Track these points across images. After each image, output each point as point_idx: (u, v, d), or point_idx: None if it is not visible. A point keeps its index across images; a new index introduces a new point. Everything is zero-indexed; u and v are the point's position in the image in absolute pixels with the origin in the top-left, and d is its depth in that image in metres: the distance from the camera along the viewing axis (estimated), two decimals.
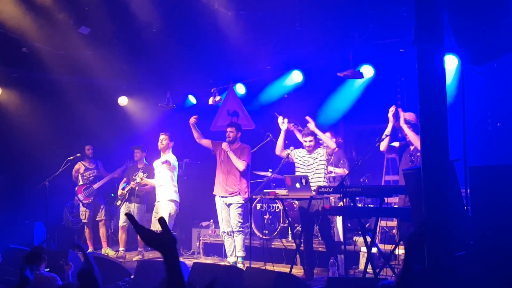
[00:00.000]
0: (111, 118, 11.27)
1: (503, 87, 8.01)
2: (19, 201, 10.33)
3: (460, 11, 3.85)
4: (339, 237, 8.00)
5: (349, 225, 7.94)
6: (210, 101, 9.98)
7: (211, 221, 9.60)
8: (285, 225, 8.58)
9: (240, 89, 10.28)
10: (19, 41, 9.15)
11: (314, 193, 6.85)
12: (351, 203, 6.49)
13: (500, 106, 8.19)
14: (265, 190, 8.03)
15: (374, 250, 6.45)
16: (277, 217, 8.69)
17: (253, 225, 8.17)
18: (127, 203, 9.30)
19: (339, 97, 9.60)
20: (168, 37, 8.96)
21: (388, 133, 6.93)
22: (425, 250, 3.49)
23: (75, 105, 10.53)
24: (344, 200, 6.52)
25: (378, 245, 6.65)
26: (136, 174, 9.15)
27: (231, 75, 10.30)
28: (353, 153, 10.13)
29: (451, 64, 7.55)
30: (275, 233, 8.62)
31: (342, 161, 8.83)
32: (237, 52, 9.22)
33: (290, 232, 8.58)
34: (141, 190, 9.23)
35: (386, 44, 8.55)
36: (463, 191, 4.19)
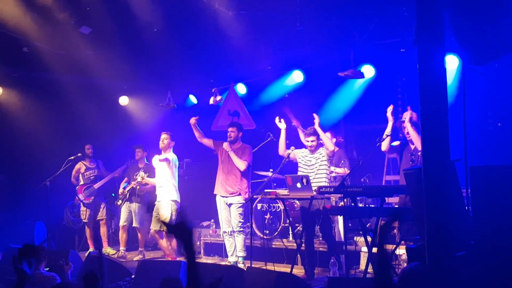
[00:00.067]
0: (112, 118, 11.27)
1: (504, 87, 8.01)
2: (20, 200, 10.34)
3: (460, 11, 3.85)
4: (340, 237, 8.00)
5: (350, 225, 7.93)
6: (211, 101, 9.97)
7: (212, 221, 9.59)
8: (286, 225, 8.57)
9: (241, 89, 10.28)
10: (20, 40, 9.16)
11: (315, 193, 6.85)
12: (352, 203, 6.49)
13: (501, 106, 8.19)
14: (266, 190, 8.03)
15: (375, 250, 6.44)
16: (278, 217, 8.69)
17: (254, 225, 8.18)
18: (127, 203, 9.30)
19: (340, 97, 9.59)
20: (169, 37, 8.97)
21: (388, 133, 6.94)
22: (426, 250, 3.49)
23: (76, 105, 10.52)
24: (345, 200, 6.52)
25: None
26: (137, 173, 9.15)
27: (232, 75, 10.30)
28: (354, 153, 10.13)
29: (452, 64, 7.54)
30: (276, 233, 8.61)
31: (343, 161, 8.82)
32: (237, 52, 9.22)
33: (290, 232, 8.58)
34: (142, 190, 9.22)
35: (387, 44, 8.55)
36: (463, 191, 4.19)
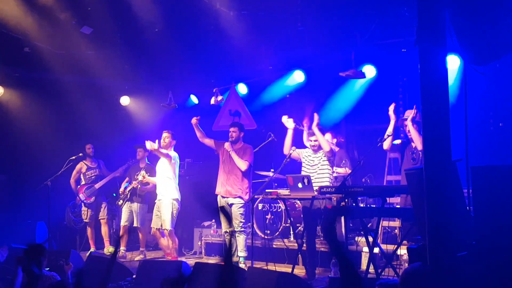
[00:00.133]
0: (113, 118, 11.27)
1: (505, 87, 8.01)
2: (20, 200, 10.34)
3: (462, 11, 3.85)
4: (341, 237, 7.99)
5: (351, 225, 7.93)
6: (212, 101, 9.97)
7: (213, 221, 9.60)
8: (287, 225, 8.57)
9: (242, 89, 10.28)
10: (21, 40, 9.16)
11: (316, 193, 6.85)
12: (353, 203, 6.48)
13: (502, 106, 8.19)
14: (267, 190, 8.02)
15: (376, 250, 6.44)
16: (279, 217, 8.69)
17: (255, 225, 8.17)
18: (129, 203, 9.29)
19: (341, 97, 9.59)
20: (170, 37, 8.97)
21: (389, 132, 6.93)
22: (427, 250, 3.49)
23: (77, 105, 10.52)
24: (346, 200, 6.52)
25: (380, 245, 6.64)
26: (138, 173, 9.15)
27: (233, 75, 10.29)
28: (355, 153, 10.13)
29: (453, 64, 7.53)
30: (277, 233, 8.62)
31: (344, 161, 8.82)
32: (239, 52, 9.21)
33: (292, 232, 8.57)
34: (143, 189, 9.22)
35: (388, 44, 8.55)
36: (465, 191, 4.18)
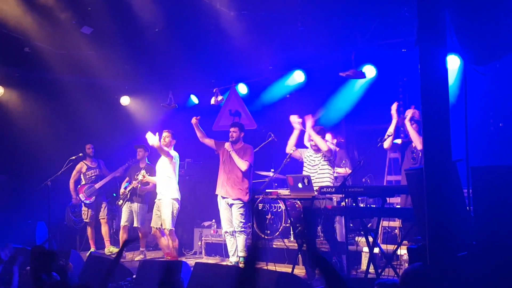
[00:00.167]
0: (113, 118, 11.28)
1: (505, 87, 8.01)
2: (21, 201, 10.34)
3: (462, 11, 3.84)
4: (340, 237, 7.99)
5: (351, 225, 7.92)
6: (212, 101, 9.97)
7: (213, 221, 9.59)
8: (287, 225, 8.56)
9: (242, 89, 10.28)
10: (21, 40, 9.17)
11: (316, 193, 6.84)
12: (353, 203, 6.48)
13: (502, 106, 8.19)
14: (267, 190, 8.02)
15: (376, 250, 6.44)
16: (279, 217, 8.68)
17: (255, 225, 8.17)
18: (129, 203, 9.29)
19: (341, 97, 9.58)
20: (170, 37, 8.96)
21: (390, 133, 6.93)
22: (427, 251, 3.49)
23: (77, 105, 10.53)
24: (346, 200, 6.52)
25: (380, 245, 6.64)
26: (138, 173, 9.15)
27: (233, 75, 10.29)
28: (355, 153, 10.13)
29: (453, 64, 7.53)
30: (277, 233, 8.61)
31: (344, 161, 8.82)
32: (239, 52, 9.21)
33: (292, 232, 8.57)
34: (143, 189, 9.21)
35: (388, 44, 8.54)
36: (465, 191, 4.18)
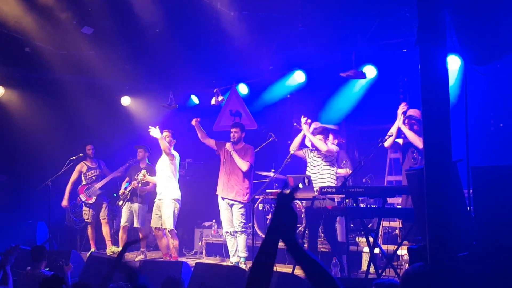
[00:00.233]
0: (114, 118, 11.28)
1: (505, 87, 8.00)
2: (21, 201, 10.35)
3: (462, 11, 3.84)
4: (341, 237, 7.99)
5: (352, 225, 7.92)
6: (213, 101, 9.98)
7: (214, 221, 9.60)
8: None
9: (242, 89, 10.28)
10: (21, 41, 9.17)
11: (316, 193, 6.84)
12: (353, 204, 6.48)
13: (502, 107, 8.18)
14: (267, 190, 8.03)
15: (376, 250, 6.44)
16: None
17: (255, 225, 8.17)
18: (129, 203, 9.29)
19: (341, 98, 9.58)
20: (171, 37, 8.96)
21: (391, 133, 6.93)
22: (428, 251, 3.49)
23: (77, 105, 10.53)
24: (347, 201, 6.52)
25: (381, 245, 6.64)
26: (138, 173, 9.15)
27: (234, 75, 10.29)
28: (355, 153, 10.13)
29: (454, 64, 7.53)
30: None
31: (344, 161, 8.82)
32: (239, 52, 9.21)
33: None
34: (142, 190, 9.21)
35: (388, 44, 8.54)
36: (465, 191, 4.18)
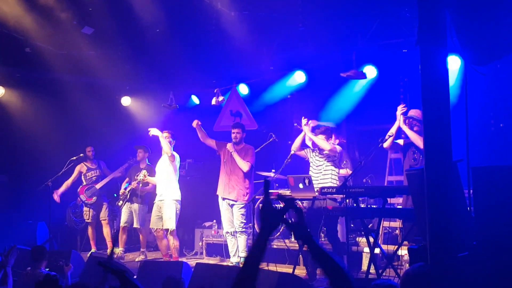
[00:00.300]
0: (114, 118, 11.27)
1: (505, 87, 8.00)
2: (21, 201, 10.35)
3: (462, 11, 3.84)
4: (341, 237, 7.98)
5: (352, 225, 7.92)
6: (213, 101, 9.98)
7: (214, 221, 9.59)
8: None
9: (243, 89, 10.28)
10: (22, 41, 9.16)
11: (317, 193, 6.84)
12: (354, 204, 6.48)
13: (503, 107, 8.18)
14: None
15: (377, 250, 6.44)
16: None
17: (256, 226, 8.17)
18: (128, 203, 9.29)
19: (342, 98, 9.58)
20: (171, 38, 8.96)
21: (391, 133, 6.92)
22: (428, 251, 3.48)
23: (78, 105, 10.53)
24: (347, 201, 6.51)
25: (381, 245, 6.64)
26: (138, 174, 9.15)
27: (234, 75, 10.29)
28: (356, 153, 10.12)
29: (454, 64, 7.53)
30: (278, 233, 8.60)
31: (345, 161, 8.82)
32: (240, 52, 9.21)
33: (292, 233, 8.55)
34: (142, 190, 9.21)
35: (389, 44, 8.54)
36: (466, 191, 4.18)
